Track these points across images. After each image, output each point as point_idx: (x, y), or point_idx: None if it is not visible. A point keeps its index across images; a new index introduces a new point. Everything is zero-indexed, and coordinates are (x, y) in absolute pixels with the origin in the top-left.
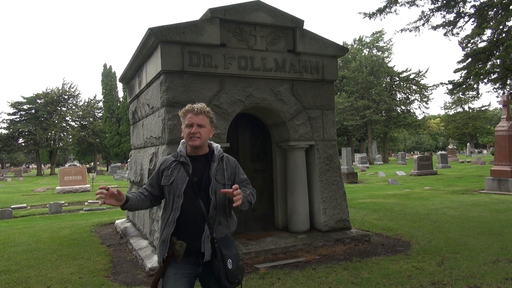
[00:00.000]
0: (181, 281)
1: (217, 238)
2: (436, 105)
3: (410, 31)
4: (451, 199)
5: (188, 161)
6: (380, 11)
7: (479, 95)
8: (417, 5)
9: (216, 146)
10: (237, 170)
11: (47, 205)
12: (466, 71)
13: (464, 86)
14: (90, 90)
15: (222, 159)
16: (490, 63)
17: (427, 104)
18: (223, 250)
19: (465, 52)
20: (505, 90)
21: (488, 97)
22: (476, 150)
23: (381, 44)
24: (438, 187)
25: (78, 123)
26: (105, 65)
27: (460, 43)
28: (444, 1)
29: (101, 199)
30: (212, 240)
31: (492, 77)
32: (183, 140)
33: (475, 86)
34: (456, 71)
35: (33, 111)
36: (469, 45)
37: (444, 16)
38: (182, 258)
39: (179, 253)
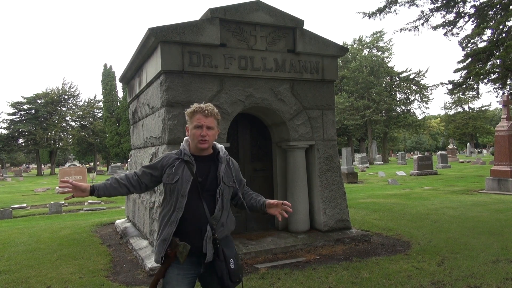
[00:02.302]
0: (184, 281)
1: (219, 238)
2: (436, 105)
3: (410, 30)
4: (451, 199)
5: (193, 160)
6: (380, 11)
7: (479, 95)
8: (416, 5)
9: (221, 147)
10: (238, 172)
11: (47, 205)
12: (466, 71)
13: (464, 86)
14: (90, 90)
15: (228, 161)
16: (490, 63)
17: (427, 104)
18: (225, 251)
19: (465, 52)
20: (505, 90)
21: (488, 97)
22: (476, 150)
23: (381, 44)
24: (438, 187)
25: (78, 123)
26: (105, 65)
27: (460, 43)
28: (444, 1)
29: (69, 193)
30: (214, 241)
31: (492, 77)
32: (187, 137)
33: (475, 86)
34: (456, 71)
35: (33, 111)
36: (469, 45)
37: (444, 16)
38: (185, 259)
39: (182, 255)
